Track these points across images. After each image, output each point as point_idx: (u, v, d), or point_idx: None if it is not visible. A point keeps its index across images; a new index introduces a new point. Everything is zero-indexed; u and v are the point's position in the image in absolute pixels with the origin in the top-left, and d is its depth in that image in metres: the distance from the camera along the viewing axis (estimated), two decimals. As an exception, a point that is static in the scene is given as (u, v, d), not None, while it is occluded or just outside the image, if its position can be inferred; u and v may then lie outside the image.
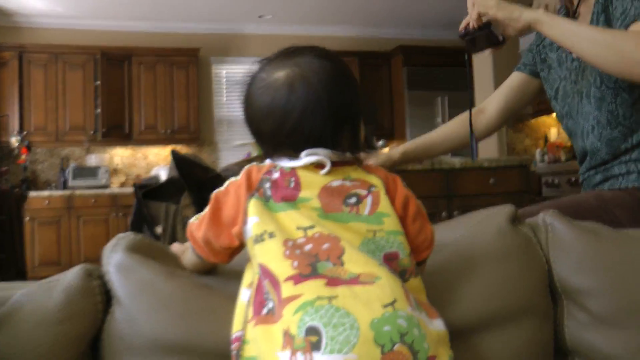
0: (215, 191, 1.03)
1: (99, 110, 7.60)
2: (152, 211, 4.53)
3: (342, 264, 0.91)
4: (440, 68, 8.39)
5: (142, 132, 7.89)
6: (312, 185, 0.99)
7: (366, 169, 1.05)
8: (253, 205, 0.97)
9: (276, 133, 1.01)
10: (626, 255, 1.24)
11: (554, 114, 1.94)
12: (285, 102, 0.99)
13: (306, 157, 0.98)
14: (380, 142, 5.83)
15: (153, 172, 7.01)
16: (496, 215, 1.27)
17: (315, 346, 0.82)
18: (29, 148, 7.36)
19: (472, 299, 1.14)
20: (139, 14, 7.82)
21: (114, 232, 7.09)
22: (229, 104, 8.56)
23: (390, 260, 0.95)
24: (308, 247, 0.92)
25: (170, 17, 8.01)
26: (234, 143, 7.94)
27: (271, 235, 0.94)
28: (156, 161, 8.15)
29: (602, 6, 1.78)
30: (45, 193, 7.17)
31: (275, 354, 0.84)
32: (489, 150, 6.31)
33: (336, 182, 1.00)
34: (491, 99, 2.18)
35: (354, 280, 0.89)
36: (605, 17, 1.77)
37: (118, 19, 7.93)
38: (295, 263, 0.90)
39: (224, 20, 8.23)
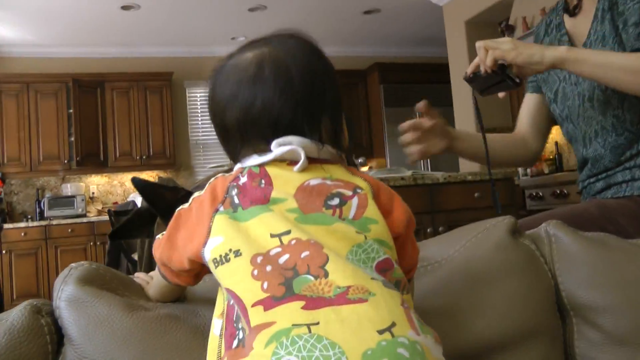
0: (180, 207, 0.90)
1: (72, 139, 7.46)
2: (128, 239, 4.39)
3: (325, 274, 0.74)
4: (416, 84, 8.35)
5: (118, 159, 7.75)
6: (287, 184, 0.84)
7: (351, 171, 0.91)
8: (217, 223, 0.82)
9: (242, 121, 0.88)
10: (638, 267, 1.12)
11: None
12: (252, 82, 0.88)
13: (277, 149, 0.85)
14: (360, 160, 5.74)
15: (130, 199, 6.88)
16: (495, 228, 1.15)
17: None
18: (3, 180, 7.21)
19: (474, 322, 1.02)
20: (110, 40, 7.71)
21: (93, 260, 6.93)
22: (204, 128, 8.48)
23: (384, 271, 0.79)
24: (283, 259, 0.76)
25: (141, 42, 7.91)
26: (210, 166, 7.84)
27: (237, 253, 0.78)
28: (133, 188, 7.99)
29: (609, 3, 1.67)
30: (22, 224, 7.02)
31: None
32: (472, 164, 6.22)
33: (315, 181, 0.85)
34: (520, 125, 2.04)
35: (341, 297, 0.72)
36: (612, 16, 1.66)
37: (89, 46, 7.81)
38: (265, 284, 0.74)
39: (196, 43, 8.16)
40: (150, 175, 8.06)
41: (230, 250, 0.79)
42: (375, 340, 0.69)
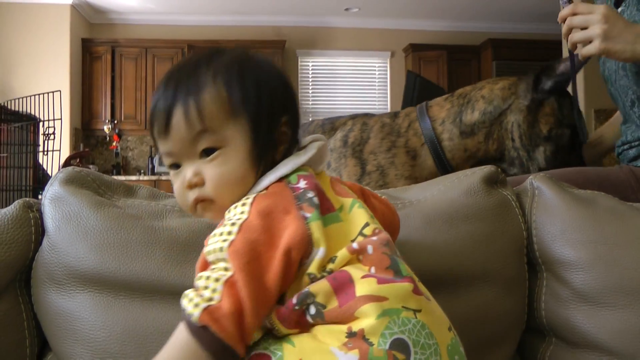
0: (233, 245, 0.73)
1: (185, 101, 7.80)
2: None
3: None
4: (530, 62, 8.08)
5: (225, 122, 8.01)
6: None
7: None
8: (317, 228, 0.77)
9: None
10: (622, 227, 1.09)
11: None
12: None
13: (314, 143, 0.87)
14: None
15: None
16: (471, 176, 1.16)
17: None
18: (119, 135, 7.70)
19: (422, 257, 1.03)
20: (225, 8, 8.00)
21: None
22: (314, 97, 8.61)
23: None
24: (376, 238, 0.78)
25: (255, 10, 8.13)
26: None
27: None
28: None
29: None
30: (134, 177, 7.48)
31: (330, 349, 0.68)
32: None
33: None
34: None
35: (416, 287, 0.76)
36: None
37: (205, 14, 8.15)
38: (373, 269, 0.75)
39: (310, 13, 8.24)
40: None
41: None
42: (449, 336, 0.73)
